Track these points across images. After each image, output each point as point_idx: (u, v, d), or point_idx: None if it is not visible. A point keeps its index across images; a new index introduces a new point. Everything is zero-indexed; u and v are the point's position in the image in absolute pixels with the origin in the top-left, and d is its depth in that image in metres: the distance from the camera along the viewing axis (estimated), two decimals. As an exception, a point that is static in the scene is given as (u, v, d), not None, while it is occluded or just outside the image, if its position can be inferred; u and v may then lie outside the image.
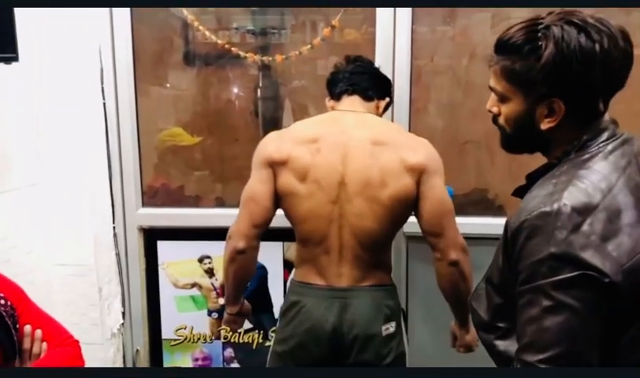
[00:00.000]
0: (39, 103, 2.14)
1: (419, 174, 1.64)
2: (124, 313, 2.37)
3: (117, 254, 2.33)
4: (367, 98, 1.77)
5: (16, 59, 1.92)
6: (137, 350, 2.41)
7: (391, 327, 1.67)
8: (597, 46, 1.03)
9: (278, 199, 1.69)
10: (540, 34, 1.07)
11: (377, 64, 1.88)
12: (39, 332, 1.54)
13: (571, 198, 1.02)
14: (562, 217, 1.01)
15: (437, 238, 1.66)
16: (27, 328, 1.53)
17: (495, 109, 1.20)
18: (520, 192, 1.19)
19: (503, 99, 1.16)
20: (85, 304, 2.25)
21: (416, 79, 2.22)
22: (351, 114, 1.72)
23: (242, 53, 2.27)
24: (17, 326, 1.51)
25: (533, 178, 1.17)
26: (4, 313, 1.48)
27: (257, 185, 1.69)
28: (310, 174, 1.63)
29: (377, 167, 1.62)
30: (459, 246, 1.67)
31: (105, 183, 2.27)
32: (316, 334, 1.65)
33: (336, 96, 1.78)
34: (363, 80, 1.77)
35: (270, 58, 2.31)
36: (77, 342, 1.63)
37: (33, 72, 2.11)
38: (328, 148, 1.64)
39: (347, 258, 1.66)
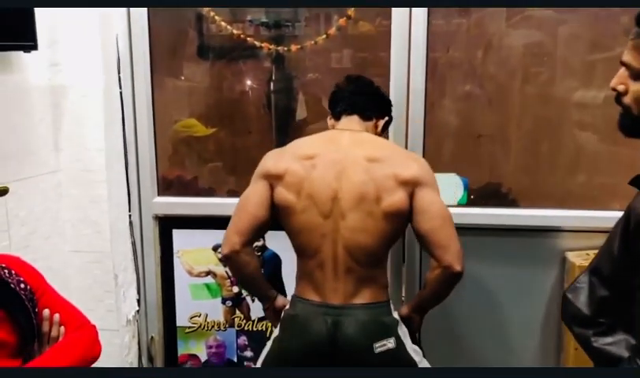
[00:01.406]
0: (57, 91, 2.17)
1: (412, 187, 1.68)
2: (139, 300, 2.39)
3: (133, 242, 2.35)
4: (366, 117, 1.84)
5: (35, 47, 1.94)
6: (152, 337, 2.44)
7: (389, 343, 1.67)
8: None
9: (274, 211, 1.76)
10: None
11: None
12: (57, 316, 1.56)
13: None
14: None
15: (441, 250, 1.67)
16: (46, 312, 1.55)
17: (621, 87, 1.13)
18: (638, 182, 1.14)
19: (638, 76, 1.09)
20: (101, 291, 2.27)
21: (431, 71, 2.22)
22: (348, 133, 1.78)
23: (257, 43, 2.28)
24: (36, 310, 1.54)
25: None
26: (24, 297, 1.51)
27: (249, 194, 1.78)
28: (305, 189, 1.69)
29: (372, 182, 1.67)
30: (462, 257, 1.69)
31: (121, 171, 2.29)
32: (310, 349, 1.69)
33: (337, 115, 1.86)
34: (362, 101, 1.84)
35: (285, 48, 2.32)
36: (94, 327, 1.65)
37: (51, 61, 2.13)
38: (323, 165, 1.69)
39: (340, 273, 1.69)
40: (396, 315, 1.75)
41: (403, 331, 1.73)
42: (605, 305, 1.14)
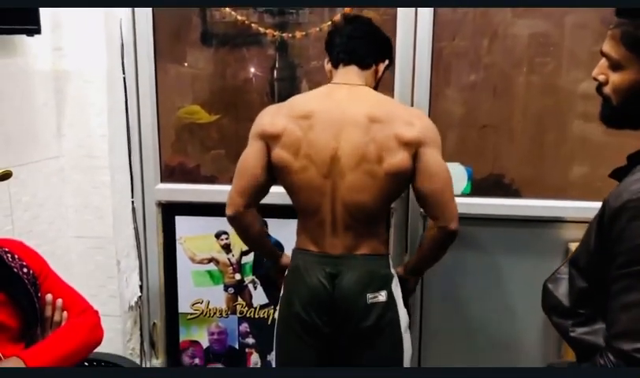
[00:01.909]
0: (60, 76, 2.16)
1: (415, 148, 1.66)
2: (141, 287, 2.40)
3: (136, 228, 2.35)
4: (365, 66, 1.76)
5: (38, 31, 1.93)
6: (154, 323, 2.45)
7: (380, 296, 1.70)
8: None
9: (272, 170, 1.75)
10: None
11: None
12: (60, 301, 1.57)
13: None
14: None
15: (439, 211, 1.69)
16: (49, 297, 1.55)
17: (602, 77, 1.13)
18: (619, 174, 1.14)
19: (616, 67, 1.09)
20: (104, 276, 2.28)
21: (436, 60, 2.20)
22: (346, 88, 1.73)
23: (262, 29, 2.27)
24: (39, 294, 1.54)
25: (634, 159, 1.12)
26: (26, 281, 1.51)
27: (248, 156, 1.76)
28: (302, 149, 1.68)
29: (373, 143, 1.65)
30: (457, 217, 1.71)
31: (124, 157, 2.29)
32: (311, 298, 1.71)
33: (334, 62, 1.79)
34: (361, 46, 1.76)
35: (290, 35, 2.31)
36: (97, 312, 1.66)
37: (55, 45, 2.12)
38: (321, 124, 1.67)
39: (340, 229, 1.71)
40: (393, 270, 1.78)
41: (396, 289, 1.76)
42: (584, 296, 1.15)
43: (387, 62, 1.83)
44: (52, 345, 1.48)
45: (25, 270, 1.52)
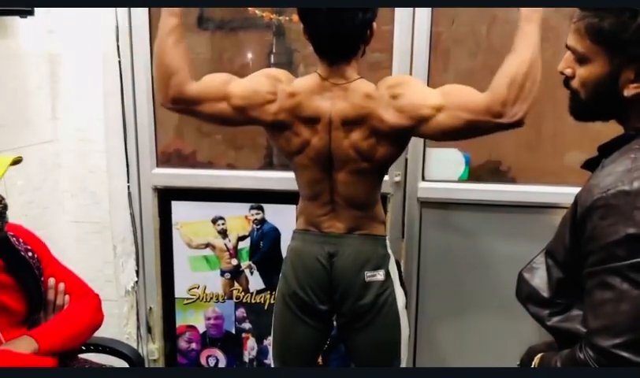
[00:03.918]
0: (54, 59, 2.13)
1: (396, 134, 1.61)
2: (137, 271, 2.39)
3: (132, 213, 2.34)
4: (353, 56, 1.63)
5: (31, 13, 1.90)
6: (150, 308, 2.44)
7: (378, 275, 1.72)
8: None
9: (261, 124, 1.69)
10: None
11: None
12: (62, 285, 1.59)
13: None
14: None
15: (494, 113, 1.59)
16: (52, 281, 1.57)
17: (569, 71, 1.12)
18: (590, 165, 1.13)
19: (582, 60, 1.08)
20: (100, 261, 2.27)
21: (435, 46, 2.19)
22: (335, 89, 1.63)
23: (258, 12, 2.25)
24: (42, 278, 1.55)
25: (605, 150, 1.10)
26: (33, 265, 1.52)
27: (256, 86, 1.66)
28: (306, 151, 1.68)
29: (353, 147, 1.64)
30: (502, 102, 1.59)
31: (120, 141, 2.26)
32: (308, 276, 1.74)
33: (319, 58, 1.65)
34: (343, 45, 1.60)
35: (287, 18, 2.29)
36: (98, 296, 1.68)
37: (48, 27, 2.09)
38: (322, 129, 1.65)
39: (338, 212, 1.74)
40: (389, 251, 1.79)
41: (393, 269, 1.77)
42: (562, 286, 1.15)
43: (373, 28, 1.62)
44: (60, 325, 1.51)
45: (30, 254, 1.54)
